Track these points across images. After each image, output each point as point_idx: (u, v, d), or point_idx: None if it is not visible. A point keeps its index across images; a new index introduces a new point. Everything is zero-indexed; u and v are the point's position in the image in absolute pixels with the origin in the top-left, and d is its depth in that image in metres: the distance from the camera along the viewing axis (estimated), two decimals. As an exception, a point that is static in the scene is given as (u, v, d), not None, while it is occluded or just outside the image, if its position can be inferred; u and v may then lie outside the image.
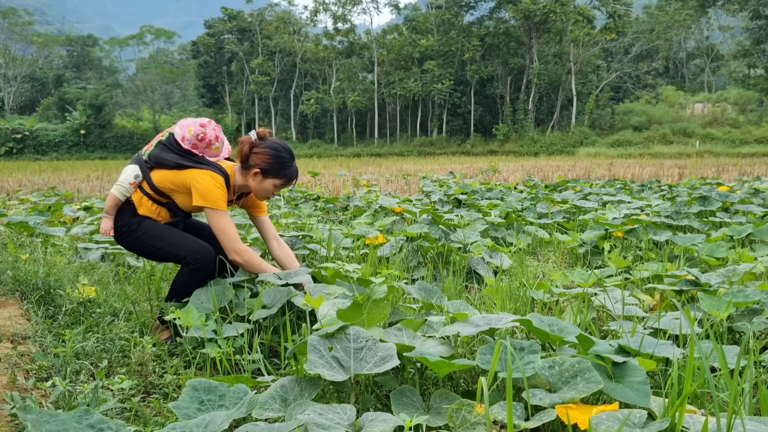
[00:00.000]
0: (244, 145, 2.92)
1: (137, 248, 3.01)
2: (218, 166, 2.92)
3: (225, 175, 2.91)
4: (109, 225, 3.01)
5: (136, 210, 2.97)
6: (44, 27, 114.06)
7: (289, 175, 2.93)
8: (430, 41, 49.81)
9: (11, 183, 14.53)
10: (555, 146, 41.37)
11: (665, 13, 49.40)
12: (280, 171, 2.90)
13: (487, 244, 4.45)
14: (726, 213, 6.43)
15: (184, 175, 2.87)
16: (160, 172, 2.91)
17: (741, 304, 2.58)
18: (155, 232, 2.93)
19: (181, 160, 2.88)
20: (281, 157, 2.89)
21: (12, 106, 60.08)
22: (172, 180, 2.89)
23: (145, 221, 2.95)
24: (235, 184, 2.99)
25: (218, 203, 2.82)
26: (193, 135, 2.91)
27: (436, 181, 13.38)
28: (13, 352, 2.49)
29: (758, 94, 45.47)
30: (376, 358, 1.80)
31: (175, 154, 2.90)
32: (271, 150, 2.88)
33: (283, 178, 2.92)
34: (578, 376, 1.66)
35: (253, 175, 2.90)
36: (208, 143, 2.95)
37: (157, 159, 2.92)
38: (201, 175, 2.84)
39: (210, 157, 2.97)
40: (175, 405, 1.71)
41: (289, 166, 2.92)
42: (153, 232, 2.94)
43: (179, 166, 2.88)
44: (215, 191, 2.82)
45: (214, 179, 2.85)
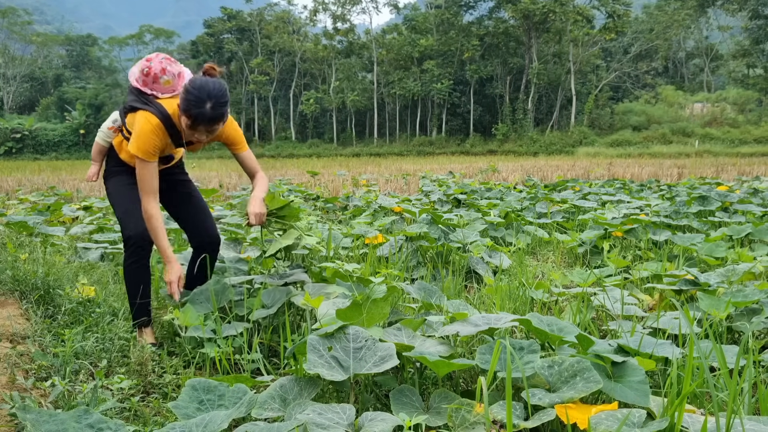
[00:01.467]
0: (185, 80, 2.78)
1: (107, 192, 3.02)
2: (158, 106, 2.73)
3: (163, 115, 2.71)
4: (93, 170, 3.08)
5: (118, 155, 2.96)
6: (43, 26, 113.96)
7: (194, 115, 2.58)
8: (430, 41, 49.80)
9: (10, 183, 14.51)
10: (554, 146, 41.38)
11: (664, 12, 49.40)
12: (186, 109, 2.59)
13: (487, 243, 4.45)
14: (725, 213, 6.43)
15: (136, 117, 2.75)
16: (129, 116, 2.83)
17: (740, 303, 2.58)
18: (114, 189, 2.94)
19: (133, 102, 2.77)
20: (190, 94, 2.58)
21: (11, 105, 60.04)
22: (132, 123, 2.79)
23: (115, 175, 2.96)
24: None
25: (140, 150, 2.67)
26: (139, 71, 2.78)
27: (435, 180, 13.38)
28: (13, 351, 2.49)
29: (757, 93, 45.47)
30: (375, 358, 1.80)
31: (132, 95, 2.81)
32: (187, 85, 2.60)
33: (189, 118, 2.60)
34: (577, 376, 1.66)
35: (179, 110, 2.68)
36: (155, 77, 2.77)
37: (125, 103, 2.87)
38: (139, 117, 2.70)
39: (162, 93, 2.80)
40: (175, 405, 1.71)
41: (196, 105, 2.56)
42: (112, 189, 2.95)
43: (132, 108, 2.77)
44: (142, 137, 2.66)
45: (147, 122, 2.68)
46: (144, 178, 2.72)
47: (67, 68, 67.53)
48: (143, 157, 2.68)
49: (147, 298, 2.83)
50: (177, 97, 2.75)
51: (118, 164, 2.99)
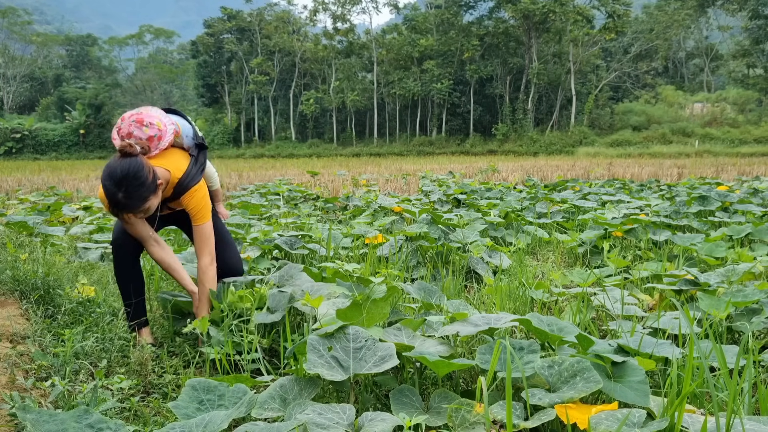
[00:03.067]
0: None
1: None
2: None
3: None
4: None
5: None
6: (43, 26, 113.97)
7: (108, 201, 2.52)
8: (430, 41, 49.80)
9: (10, 183, 14.51)
10: (554, 146, 41.38)
11: (664, 12, 49.39)
12: (105, 196, 2.54)
13: (487, 243, 4.45)
14: (725, 213, 6.43)
15: None
16: None
17: (740, 303, 2.58)
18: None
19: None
20: (102, 182, 2.52)
21: (11, 105, 60.05)
22: None
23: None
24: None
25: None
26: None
27: (435, 180, 13.38)
28: (13, 351, 2.49)
29: (757, 93, 45.48)
30: (375, 358, 1.80)
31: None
32: (103, 173, 2.53)
33: (108, 206, 2.55)
34: (577, 376, 1.66)
35: None
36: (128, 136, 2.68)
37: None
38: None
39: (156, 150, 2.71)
40: (175, 405, 1.71)
41: (108, 195, 2.50)
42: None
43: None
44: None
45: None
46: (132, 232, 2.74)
47: (67, 68, 67.55)
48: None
49: (140, 297, 2.82)
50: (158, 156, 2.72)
51: None
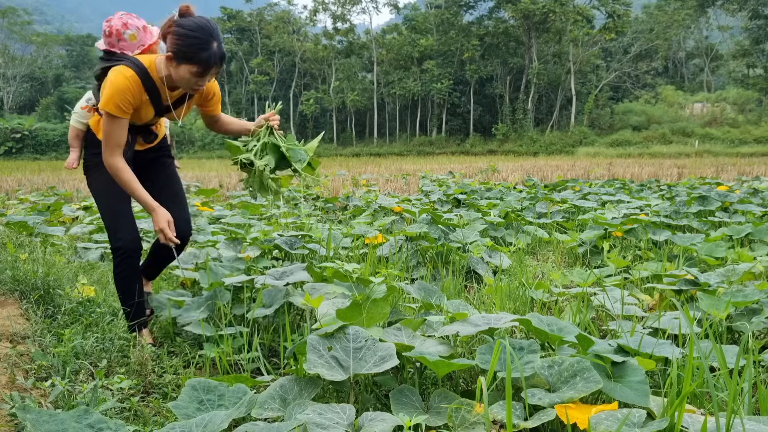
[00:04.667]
0: (165, 25, 2.45)
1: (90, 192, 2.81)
2: (132, 59, 2.51)
3: (139, 68, 2.47)
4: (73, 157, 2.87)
5: (96, 136, 2.72)
6: (43, 26, 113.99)
7: (204, 59, 2.38)
8: (430, 41, 49.82)
9: (10, 182, 14.51)
10: (554, 146, 41.40)
11: (664, 12, 49.40)
12: (193, 55, 2.37)
13: (487, 243, 4.45)
14: (725, 213, 6.43)
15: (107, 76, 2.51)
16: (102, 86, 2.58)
17: (740, 303, 2.58)
18: (98, 186, 2.73)
19: (104, 63, 2.55)
20: (193, 38, 2.36)
21: (11, 105, 60.05)
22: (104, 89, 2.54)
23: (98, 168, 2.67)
24: (162, 76, 2.54)
25: (110, 103, 2.41)
26: (103, 35, 2.62)
27: (435, 180, 13.38)
28: (13, 351, 2.49)
29: (757, 93, 45.49)
30: (375, 358, 1.80)
31: (101, 60, 2.60)
32: (181, 29, 2.37)
33: (197, 64, 2.39)
34: (577, 376, 1.66)
35: (168, 60, 2.43)
36: (118, 34, 2.59)
37: (94, 74, 2.67)
38: (110, 73, 2.45)
39: (130, 50, 2.60)
40: (175, 405, 1.71)
41: (204, 48, 2.37)
42: (96, 185, 2.74)
43: (104, 70, 2.53)
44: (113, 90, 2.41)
45: (120, 74, 2.43)
46: (112, 132, 2.46)
47: (67, 68, 67.56)
48: (113, 111, 2.42)
49: (141, 298, 2.77)
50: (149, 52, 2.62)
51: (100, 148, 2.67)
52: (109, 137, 2.48)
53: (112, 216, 2.69)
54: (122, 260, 2.67)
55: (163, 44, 2.60)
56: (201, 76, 2.44)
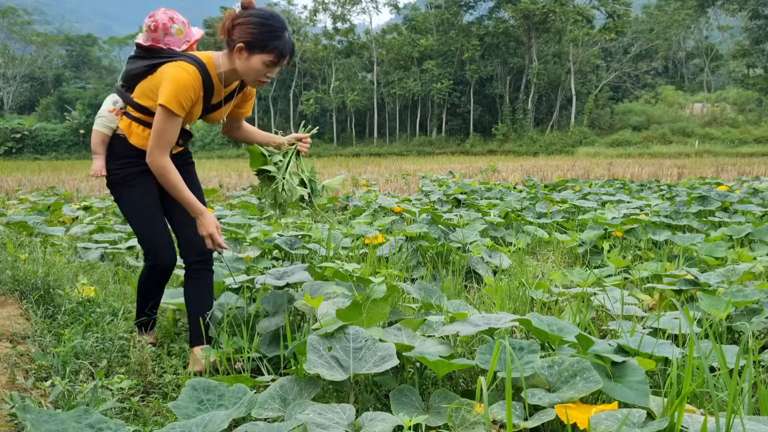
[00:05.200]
0: (226, 20, 2.39)
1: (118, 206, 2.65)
2: (190, 55, 2.42)
3: (199, 63, 2.39)
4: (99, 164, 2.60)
5: (128, 141, 2.52)
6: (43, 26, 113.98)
7: (280, 48, 2.34)
8: (430, 41, 49.82)
9: (10, 183, 14.51)
10: (554, 146, 41.39)
11: (664, 12, 49.40)
12: (267, 43, 2.32)
13: (487, 243, 4.45)
14: (725, 213, 6.43)
15: (158, 75, 2.40)
16: (139, 87, 2.48)
17: (740, 303, 2.58)
18: (133, 199, 2.55)
19: (150, 61, 2.43)
20: (267, 26, 2.33)
21: (11, 105, 60.03)
22: (150, 87, 2.44)
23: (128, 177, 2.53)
24: (221, 72, 2.45)
25: (172, 99, 2.30)
26: (145, 30, 2.48)
27: (435, 180, 13.38)
28: (13, 351, 2.49)
29: (757, 93, 45.48)
30: (375, 358, 1.80)
31: (142, 59, 2.47)
32: (254, 18, 2.33)
33: (272, 53, 2.33)
34: (577, 376, 1.66)
35: (238, 51, 2.35)
36: (165, 29, 2.47)
37: (129, 73, 2.50)
38: (168, 67, 2.36)
39: (177, 46, 2.50)
40: (175, 405, 1.71)
41: (279, 36, 2.33)
42: (130, 202, 2.56)
43: (150, 68, 2.42)
44: (176, 85, 2.31)
45: (183, 70, 2.34)
46: (167, 130, 2.34)
47: (67, 68, 67.52)
48: (175, 108, 2.31)
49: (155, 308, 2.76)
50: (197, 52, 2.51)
51: (130, 155, 2.53)
52: (162, 135, 2.34)
53: (147, 236, 2.57)
54: (155, 275, 2.63)
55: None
56: (274, 66, 2.38)
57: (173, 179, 2.40)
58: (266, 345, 2.51)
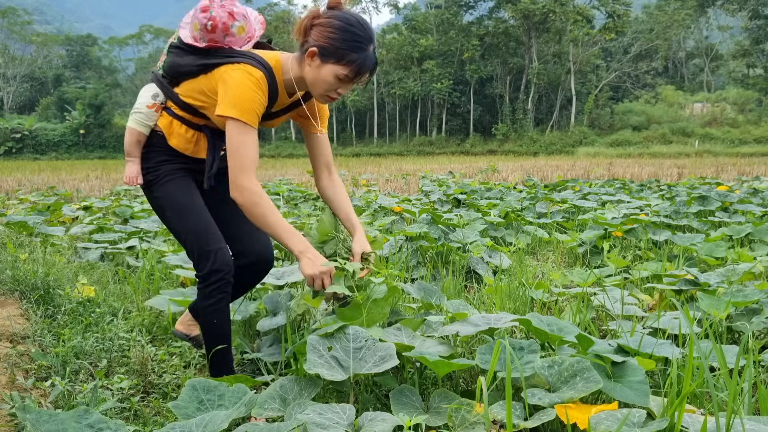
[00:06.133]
0: (306, 18, 2.00)
1: (156, 210, 2.27)
2: (255, 57, 2.03)
3: (265, 67, 2.01)
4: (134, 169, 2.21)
5: (167, 141, 2.19)
6: (43, 26, 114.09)
7: (359, 62, 1.94)
8: (430, 41, 49.86)
9: (10, 182, 14.51)
10: (554, 146, 41.43)
11: (664, 12, 49.45)
12: (345, 53, 1.92)
13: (487, 243, 4.45)
14: (725, 213, 6.43)
15: (214, 76, 2.03)
16: (186, 84, 2.12)
17: (740, 303, 2.58)
18: (177, 203, 2.17)
19: (205, 59, 2.05)
20: (350, 33, 1.93)
21: (11, 105, 60.06)
22: (201, 89, 2.07)
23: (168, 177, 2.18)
24: (287, 77, 2.07)
25: (243, 110, 1.94)
26: (200, 29, 2.07)
27: (435, 180, 13.38)
28: (13, 351, 2.49)
29: (757, 93, 45.53)
30: (375, 358, 1.80)
31: (193, 55, 2.10)
32: (336, 21, 1.94)
33: (348, 65, 1.94)
34: (577, 376, 1.66)
35: (309, 56, 1.97)
36: (225, 28, 2.06)
37: (174, 68, 2.13)
38: (230, 70, 1.98)
39: (238, 45, 2.11)
40: (175, 405, 1.71)
41: (361, 48, 1.94)
42: (170, 201, 2.17)
43: (205, 67, 2.05)
44: (242, 93, 1.95)
45: (249, 74, 1.97)
46: (245, 146, 1.94)
47: (67, 68, 67.56)
48: (246, 119, 1.94)
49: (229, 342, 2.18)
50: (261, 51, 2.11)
51: (169, 158, 2.20)
52: (244, 154, 1.94)
53: (198, 236, 2.11)
54: (218, 288, 2.10)
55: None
56: (347, 82, 1.99)
57: (268, 208, 1.97)
58: (267, 345, 2.51)
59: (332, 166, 2.38)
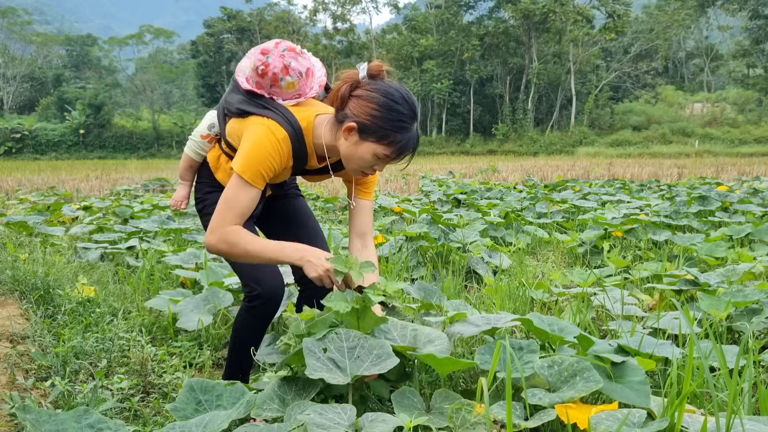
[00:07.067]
0: (344, 84, 1.87)
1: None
2: (287, 115, 1.93)
3: (294, 129, 1.91)
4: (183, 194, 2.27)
5: (213, 174, 2.19)
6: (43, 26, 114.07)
7: (403, 143, 1.85)
8: (430, 41, 49.87)
9: (10, 182, 14.51)
10: (554, 146, 41.43)
11: (664, 12, 49.45)
12: (388, 133, 1.82)
13: (487, 243, 4.45)
14: (725, 213, 6.43)
15: (245, 124, 1.97)
16: (232, 122, 2.05)
17: (740, 303, 2.58)
18: None
19: (243, 104, 2.00)
20: (396, 112, 1.81)
21: (11, 105, 60.05)
22: (238, 132, 2.00)
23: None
24: (317, 142, 1.97)
25: (248, 169, 1.86)
26: (252, 69, 1.99)
27: (435, 180, 13.38)
28: (13, 351, 2.49)
29: (757, 93, 45.55)
30: (371, 357, 1.79)
31: (239, 95, 2.04)
32: (381, 97, 1.81)
33: (390, 146, 1.84)
34: (577, 376, 1.66)
35: (346, 131, 1.85)
36: (273, 79, 1.97)
37: (225, 102, 2.09)
38: (257, 125, 1.91)
39: (287, 99, 2.02)
40: (173, 407, 1.70)
41: (406, 128, 1.84)
42: None
43: (241, 112, 2.00)
44: (256, 153, 1.86)
45: (271, 134, 1.88)
46: (236, 200, 1.88)
47: (67, 68, 67.56)
48: (250, 179, 1.87)
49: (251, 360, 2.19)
50: (303, 105, 2.02)
51: (217, 189, 2.17)
52: (230, 205, 1.87)
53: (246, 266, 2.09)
54: (262, 310, 2.09)
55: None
56: (386, 161, 1.89)
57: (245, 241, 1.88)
58: (265, 345, 2.51)
59: (368, 237, 2.21)
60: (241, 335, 2.14)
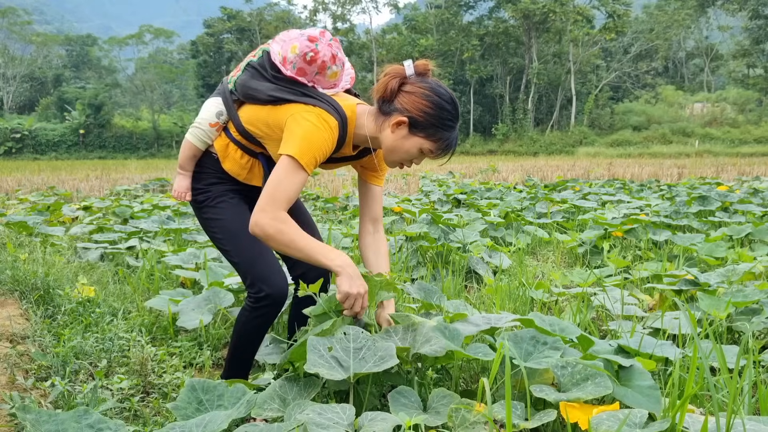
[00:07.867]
0: (392, 79, 1.91)
1: (206, 229, 2.22)
2: (333, 104, 1.94)
3: (341, 117, 1.94)
4: (185, 184, 2.18)
5: (220, 165, 2.15)
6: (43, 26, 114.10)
7: (448, 141, 1.97)
8: (430, 41, 49.87)
9: (10, 182, 14.51)
10: (554, 146, 41.42)
11: (664, 12, 49.46)
12: (437, 131, 1.91)
13: (487, 243, 4.45)
14: (725, 213, 6.43)
15: (281, 112, 1.94)
16: (250, 109, 2.04)
17: (740, 303, 2.58)
18: (230, 226, 2.11)
19: (277, 92, 1.96)
20: (446, 111, 1.91)
21: (11, 105, 60.04)
22: (266, 120, 1.99)
23: (220, 199, 2.15)
24: (357, 132, 2.01)
25: (306, 154, 1.85)
26: (298, 55, 1.95)
27: (435, 180, 13.38)
28: (12, 351, 2.49)
29: (757, 93, 45.54)
30: (375, 358, 1.80)
31: (269, 82, 1.99)
32: (433, 95, 1.89)
33: (437, 143, 1.94)
34: (589, 380, 1.65)
35: (395, 125, 1.91)
36: (322, 66, 1.97)
37: (245, 89, 2.03)
38: (303, 111, 1.90)
39: (325, 88, 2.03)
40: (174, 406, 1.70)
41: (452, 127, 1.95)
42: (228, 224, 2.12)
43: (275, 99, 1.96)
44: (312, 139, 1.86)
45: (324, 122, 1.89)
46: (289, 184, 1.85)
47: (67, 68, 67.56)
48: (306, 164, 1.85)
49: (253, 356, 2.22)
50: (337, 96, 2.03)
51: (221, 180, 2.17)
52: (283, 190, 1.84)
53: (253, 260, 2.06)
54: (267, 311, 2.06)
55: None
56: (428, 156, 1.99)
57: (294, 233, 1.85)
58: (266, 345, 2.51)
59: (379, 223, 2.31)
60: (244, 336, 2.12)
